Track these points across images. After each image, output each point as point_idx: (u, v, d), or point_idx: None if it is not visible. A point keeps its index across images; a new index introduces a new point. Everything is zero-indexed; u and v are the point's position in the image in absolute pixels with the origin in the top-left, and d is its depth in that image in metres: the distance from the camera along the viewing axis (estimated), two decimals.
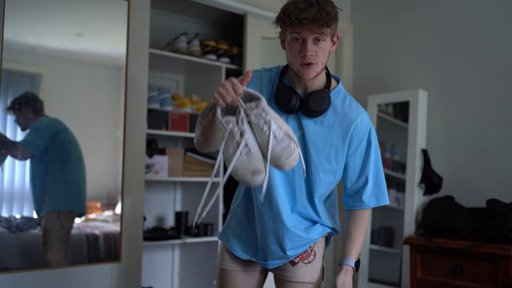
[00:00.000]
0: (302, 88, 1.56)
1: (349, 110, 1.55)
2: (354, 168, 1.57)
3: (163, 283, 3.25)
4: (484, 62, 2.92)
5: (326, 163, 1.54)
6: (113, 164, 2.54)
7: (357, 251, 1.61)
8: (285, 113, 1.54)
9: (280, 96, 1.53)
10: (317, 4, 1.42)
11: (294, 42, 1.47)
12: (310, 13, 1.40)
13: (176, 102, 3.09)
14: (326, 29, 1.44)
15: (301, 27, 1.42)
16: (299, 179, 1.55)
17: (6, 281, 2.16)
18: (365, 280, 3.23)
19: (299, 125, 1.54)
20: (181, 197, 3.37)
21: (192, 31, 3.31)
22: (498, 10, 2.90)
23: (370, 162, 1.56)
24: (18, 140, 2.32)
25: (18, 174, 2.33)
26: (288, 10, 1.44)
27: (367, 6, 3.69)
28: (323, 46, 1.48)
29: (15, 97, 2.28)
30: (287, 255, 1.59)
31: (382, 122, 3.36)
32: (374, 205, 1.61)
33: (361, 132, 1.55)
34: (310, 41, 1.45)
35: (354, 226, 1.61)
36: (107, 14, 2.55)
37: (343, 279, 1.57)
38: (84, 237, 2.48)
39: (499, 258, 2.40)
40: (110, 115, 2.59)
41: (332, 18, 1.44)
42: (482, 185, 2.85)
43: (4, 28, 2.18)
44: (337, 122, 1.54)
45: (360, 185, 1.59)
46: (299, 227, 1.58)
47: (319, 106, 1.50)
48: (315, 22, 1.41)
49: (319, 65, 1.50)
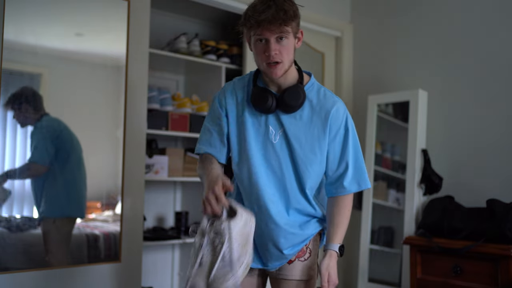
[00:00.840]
0: (276, 87, 1.61)
1: (325, 101, 1.61)
2: (334, 156, 1.62)
3: (163, 283, 3.25)
4: (484, 62, 2.92)
5: (312, 155, 1.59)
6: (113, 164, 2.54)
7: (341, 236, 1.64)
8: (264, 113, 1.59)
9: (256, 98, 1.58)
10: (274, 4, 1.47)
11: (258, 43, 1.52)
12: (268, 14, 1.45)
13: (176, 102, 3.09)
14: (286, 28, 1.49)
15: (261, 28, 1.47)
16: (289, 176, 1.60)
17: (6, 281, 2.16)
18: (365, 280, 3.23)
19: (280, 123, 1.59)
20: (181, 197, 3.37)
21: (192, 31, 3.31)
22: (498, 10, 2.90)
23: (349, 148, 1.62)
24: (27, 161, 2.32)
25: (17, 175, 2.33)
26: (248, 13, 1.49)
27: (367, 6, 3.69)
28: (286, 44, 1.52)
29: (13, 93, 2.26)
30: (285, 254, 1.62)
31: (382, 122, 3.36)
32: (356, 190, 1.66)
33: (338, 120, 1.60)
34: (273, 40, 1.49)
35: (337, 212, 1.64)
36: (107, 14, 2.55)
37: (328, 263, 1.59)
38: (84, 237, 2.48)
39: (499, 258, 2.40)
40: (110, 115, 2.59)
41: (291, 16, 1.49)
42: (482, 185, 2.85)
43: (4, 28, 2.18)
44: (316, 114, 1.59)
45: (341, 172, 1.63)
46: (293, 224, 1.62)
47: (295, 101, 1.56)
48: (273, 22, 1.46)
49: (285, 63, 1.54)
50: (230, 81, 1.72)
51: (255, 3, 1.50)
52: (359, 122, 3.64)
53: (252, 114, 1.61)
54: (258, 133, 1.60)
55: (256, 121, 1.61)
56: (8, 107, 2.26)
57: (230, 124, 1.64)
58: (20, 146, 2.33)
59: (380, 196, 3.29)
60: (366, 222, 3.26)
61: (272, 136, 1.59)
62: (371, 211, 3.26)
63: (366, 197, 3.27)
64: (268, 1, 1.48)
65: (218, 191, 1.42)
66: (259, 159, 1.59)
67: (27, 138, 2.34)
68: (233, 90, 1.67)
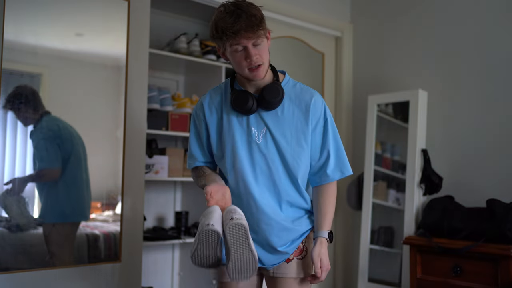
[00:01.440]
0: (253, 88, 1.67)
1: (302, 94, 1.68)
2: (315, 146, 1.68)
3: (163, 283, 3.25)
4: (484, 62, 2.93)
5: (299, 148, 1.65)
6: (113, 164, 2.54)
7: (329, 223, 1.69)
8: (246, 114, 1.65)
9: (236, 101, 1.63)
10: (243, 12, 1.52)
11: (236, 52, 1.57)
12: (242, 23, 1.51)
13: (176, 102, 3.09)
14: (261, 31, 1.55)
15: (238, 37, 1.53)
16: (276, 171, 1.65)
17: (6, 281, 2.16)
18: (365, 280, 3.23)
19: (262, 122, 1.65)
20: (181, 197, 3.37)
21: (192, 31, 3.31)
22: (497, 10, 2.90)
23: (329, 138, 1.68)
24: (37, 169, 2.32)
25: (19, 174, 2.33)
26: (221, 26, 1.54)
27: (367, 6, 3.69)
28: (263, 46, 1.59)
29: (10, 94, 2.25)
30: (281, 251, 1.66)
31: (382, 122, 3.36)
32: (339, 177, 1.71)
33: (318, 111, 1.67)
34: (250, 46, 1.55)
35: (323, 201, 1.69)
36: (107, 14, 2.55)
37: (319, 250, 1.64)
38: (84, 237, 2.48)
39: (499, 258, 2.40)
40: (110, 115, 2.59)
41: (261, 19, 1.56)
42: (482, 185, 2.85)
43: (4, 28, 2.18)
44: (296, 108, 1.66)
45: (323, 161, 1.69)
46: (287, 219, 1.66)
47: (275, 97, 1.61)
48: (249, 30, 1.52)
49: (265, 64, 1.61)
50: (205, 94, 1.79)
51: (221, 16, 1.54)
52: (359, 122, 3.65)
53: (233, 118, 1.66)
54: (242, 136, 1.65)
55: (238, 124, 1.66)
56: (7, 108, 2.26)
57: (212, 134, 1.70)
58: (20, 147, 2.33)
59: (380, 196, 3.29)
60: (366, 222, 3.26)
61: (255, 137, 1.64)
62: (371, 211, 3.26)
63: (366, 197, 3.27)
64: (236, 10, 1.53)
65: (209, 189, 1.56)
66: (246, 164, 1.64)
67: (28, 138, 2.34)
68: (210, 100, 1.73)
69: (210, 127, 1.70)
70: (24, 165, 2.35)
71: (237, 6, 1.53)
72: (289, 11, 3.37)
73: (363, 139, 3.49)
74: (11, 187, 2.24)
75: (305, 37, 3.58)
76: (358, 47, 3.72)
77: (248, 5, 1.55)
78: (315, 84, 3.67)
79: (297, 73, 3.60)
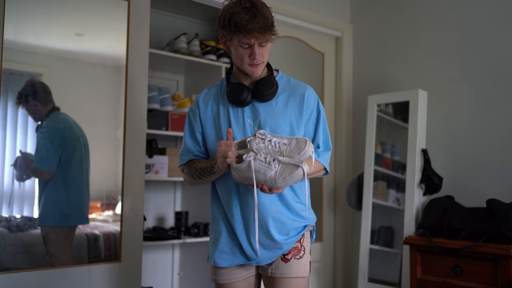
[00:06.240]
0: (248, 81, 1.72)
1: (296, 87, 1.74)
2: (308, 137, 1.73)
3: (163, 283, 3.25)
4: (484, 62, 2.93)
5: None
6: (113, 164, 2.55)
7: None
8: (241, 106, 1.68)
9: (232, 94, 1.67)
10: (258, 12, 1.55)
11: (242, 48, 1.61)
12: (256, 24, 1.55)
13: (176, 102, 3.09)
14: (272, 36, 1.62)
15: (250, 36, 1.57)
16: None
17: (6, 281, 2.16)
18: (365, 280, 3.23)
19: (257, 112, 1.68)
20: (181, 197, 3.37)
21: (192, 31, 3.31)
22: (497, 10, 2.90)
23: (320, 130, 1.74)
24: (33, 166, 2.33)
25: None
26: (234, 20, 1.56)
27: (367, 6, 3.69)
28: (267, 47, 1.65)
29: (20, 90, 2.27)
30: (277, 240, 1.65)
31: (382, 122, 3.36)
32: (324, 164, 1.74)
33: (311, 103, 1.73)
34: (257, 45, 1.61)
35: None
36: (107, 14, 2.55)
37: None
38: (84, 237, 2.48)
39: (499, 258, 2.40)
40: (110, 115, 2.59)
41: (273, 23, 1.61)
42: (482, 185, 2.85)
43: (4, 28, 2.18)
44: (290, 99, 1.71)
45: None
46: (282, 208, 1.67)
47: (269, 89, 1.66)
48: (263, 32, 1.57)
49: (265, 62, 1.69)
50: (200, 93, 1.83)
51: (236, 10, 1.56)
52: (359, 122, 3.65)
53: (229, 110, 1.70)
54: (238, 127, 1.68)
55: (234, 116, 1.69)
56: (18, 105, 2.27)
57: (208, 129, 1.73)
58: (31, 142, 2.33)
59: (380, 196, 3.29)
60: (366, 222, 3.26)
61: (250, 128, 1.67)
62: (371, 211, 3.26)
63: (366, 197, 3.27)
64: (252, 8, 1.55)
65: (222, 142, 1.54)
66: None
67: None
68: (206, 95, 1.78)
69: (206, 122, 1.74)
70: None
71: (252, 4, 1.56)
72: (289, 11, 3.37)
73: (363, 139, 3.49)
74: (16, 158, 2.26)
75: (305, 37, 3.58)
76: (358, 47, 3.72)
77: (262, 6, 1.59)
78: (315, 84, 3.66)
79: (297, 73, 3.61)
